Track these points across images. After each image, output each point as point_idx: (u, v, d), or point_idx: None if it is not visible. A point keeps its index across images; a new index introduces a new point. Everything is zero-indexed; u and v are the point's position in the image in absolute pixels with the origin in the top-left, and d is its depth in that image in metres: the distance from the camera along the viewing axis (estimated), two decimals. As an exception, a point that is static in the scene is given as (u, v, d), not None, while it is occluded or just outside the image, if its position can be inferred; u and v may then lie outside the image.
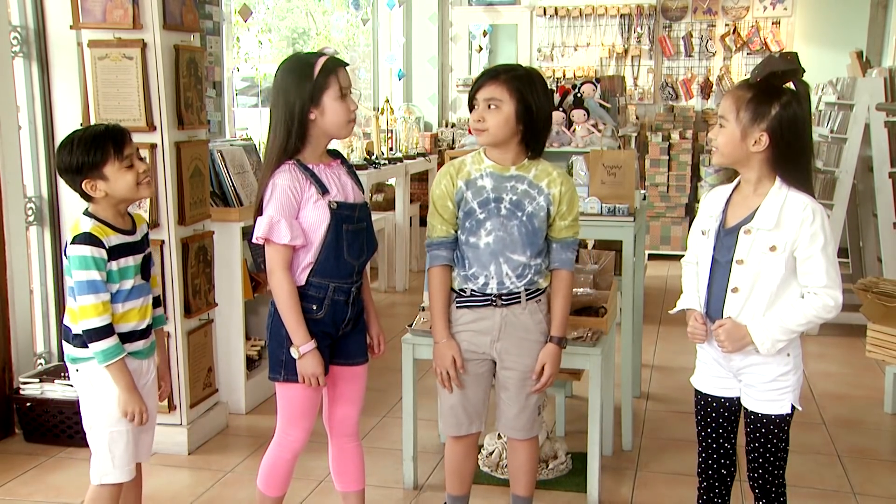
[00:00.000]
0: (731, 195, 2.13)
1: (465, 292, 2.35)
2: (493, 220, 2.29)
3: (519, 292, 2.33)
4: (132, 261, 2.20)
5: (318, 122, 2.22)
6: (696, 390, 2.22)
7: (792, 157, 2.02)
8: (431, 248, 2.37)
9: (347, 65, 2.28)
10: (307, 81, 2.19)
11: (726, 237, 2.09)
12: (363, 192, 2.36)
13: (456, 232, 2.35)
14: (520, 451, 2.47)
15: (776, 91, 2.03)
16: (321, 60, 2.21)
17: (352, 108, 2.25)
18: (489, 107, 2.25)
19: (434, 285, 2.37)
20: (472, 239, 2.32)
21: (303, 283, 2.24)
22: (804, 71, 2.07)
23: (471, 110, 2.33)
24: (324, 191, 2.22)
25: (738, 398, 2.16)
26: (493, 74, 2.29)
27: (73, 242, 2.12)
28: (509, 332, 2.34)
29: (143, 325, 2.24)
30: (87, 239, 2.11)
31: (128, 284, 2.19)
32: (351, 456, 2.44)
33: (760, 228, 2.02)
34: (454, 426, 2.44)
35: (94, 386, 2.19)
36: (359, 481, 2.46)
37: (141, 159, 2.21)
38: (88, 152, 2.13)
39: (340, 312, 2.30)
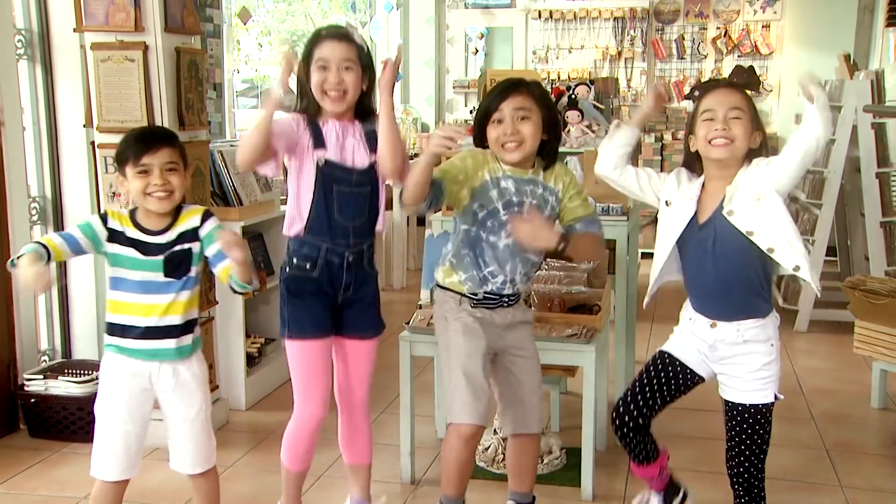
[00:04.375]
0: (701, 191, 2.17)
1: (476, 296, 2.29)
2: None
3: (518, 294, 2.34)
4: (135, 254, 2.15)
5: (312, 89, 2.25)
6: (663, 351, 2.24)
7: (764, 153, 2.13)
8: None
9: (344, 37, 2.25)
10: (307, 50, 2.25)
11: (701, 231, 2.13)
12: (373, 157, 2.29)
13: (440, 183, 2.19)
14: (530, 446, 2.41)
15: None
16: (323, 31, 2.26)
17: (328, 80, 2.21)
18: (521, 118, 2.20)
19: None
20: (492, 238, 2.26)
21: (299, 234, 2.27)
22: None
23: (485, 126, 2.23)
24: (318, 144, 2.23)
25: (701, 380, 2.21)
26: (516, 85, 2.24)
27: None
28: (517, 325, 2.36)
29: (144, 324, 2.16)
30: (99, 214, 2.19)
31: (125, 274, 2.15)
32: (359, 430, 2.47)
33: (736, 188, 2.08)
34: (482, 414, 2.23)
35: (101, 379, 2.21)
36: (366, 455, 2.50)
37: (166, 172, 2.13)
38: (122, 149, 2.16)
39: (337, 276, 2.28)
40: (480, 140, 2.30)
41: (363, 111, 2.31)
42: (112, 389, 2.19)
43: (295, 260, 2.29)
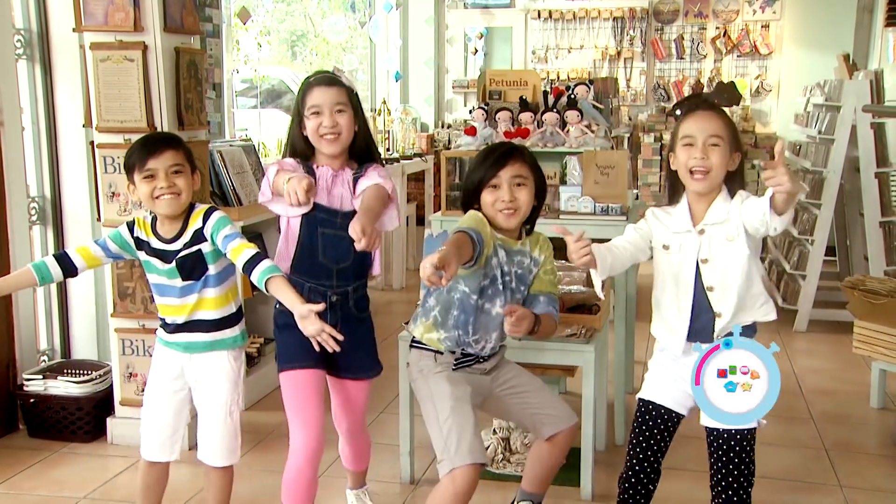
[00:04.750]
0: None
1: (454, 353, 2.30)
2: (506, 292, 2.27)
3: (495, 351, 2.36)
4: (157, 264, 2.26)
5: (308, 135, 2.31)
6: (644, 400, 2.19)
7: (742, 172, 2.11)
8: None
9: (333, 82, 2.31)
10: (299, 98, 2.33)
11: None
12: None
13: (482, 239, 2.15)
14: (564, 443, 2.38)
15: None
16: (312, 79, 2.34)
17: (323, 124, 2.27)
18: (517, 184, 2.21)
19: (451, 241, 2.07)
20: (486, 305, 2.25)
21: (287, 272, 2.32)
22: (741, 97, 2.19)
23: (479, 189, 2.24)
24: None
25: (682, 417, 2.18)
26: (514, 151, 2.25)
27: None
28: (498, 367, 2.39)
29: (177, 321, 2.28)
30: (127, 222, 2.30)
31: (153, 279, 2.29)
32: (359, 447, 2.62)
33: (715, 223, 2.06)
34: (480, 451, 2.15)
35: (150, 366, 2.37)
36: (366, 462, 2.70)
37: (171, 175, 2.19)
38: (127, 157, 2.24)
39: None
40: (470, 204, 2.29)
41: (358, 154, 2.38)
42: (151, 376, 2.36)
43: None
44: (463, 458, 2.08)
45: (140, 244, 2.28)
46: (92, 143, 3.21)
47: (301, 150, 2.35)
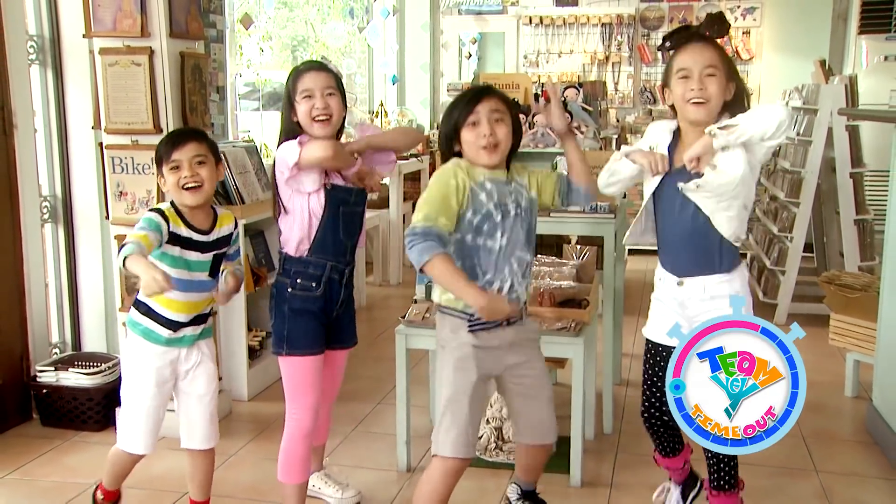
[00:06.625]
0: (675, 143, 2.14)
1: (473, 316, 2.10)
2: (506, 220, 2.12)
3: (520, 303, 2.17)
4: (196, 256, 2.24)
5: (300, 120, 2.30)
6: (648, 340, 2.20)
7: (740, 101, 2.07)
8: (428, 238, 1.99)
9: (322, 68, 2.32)
10: (289, 86, 2.32)
11: (673, 179, 2.09)
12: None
13: (442, 236, 2.05)
14: (544, 452, 2.35)
15: None
16: (301, 67, 2.33)
17: (315, 106, 2.26)
18: (496, 120, 2.10)
19: (445, 270, 2.00)
20: (488, 242, 2.10)
21: (304, 255, 2.30)
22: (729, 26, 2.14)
23: (458, 131, 2.11)
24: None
25: None
26: (488, 90, 2.15)
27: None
28: (520, 344, 2.20)
29: (187, 318, 2.27)
30: (156, 210, 2.21)
31: (175, 274, 2.19)
32: (325, 421, 2.64)
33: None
34: (464, 446, 2.13)
35: (127, 356, 2.32)
36: (326, 436, 2.73)
37: (195, 165, 2.21)
38: (157, 151, 2.25)
39: (336, 292, 2.35)
40: (450, 147, 2.15)
41: (338, 136, 2.39)
42: (145, 379, 2.31)
43: (300, 280, 2.31)
44: (446, 451, 2.13)
45: (176, 239, 2.19)
46: (101, 144, 3.20)
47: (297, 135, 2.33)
